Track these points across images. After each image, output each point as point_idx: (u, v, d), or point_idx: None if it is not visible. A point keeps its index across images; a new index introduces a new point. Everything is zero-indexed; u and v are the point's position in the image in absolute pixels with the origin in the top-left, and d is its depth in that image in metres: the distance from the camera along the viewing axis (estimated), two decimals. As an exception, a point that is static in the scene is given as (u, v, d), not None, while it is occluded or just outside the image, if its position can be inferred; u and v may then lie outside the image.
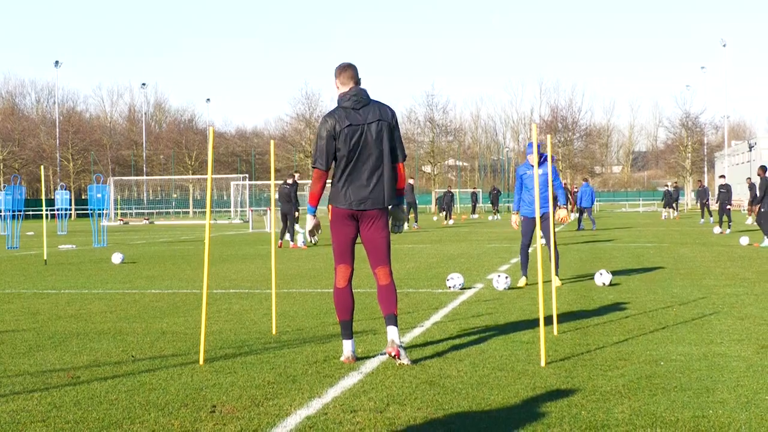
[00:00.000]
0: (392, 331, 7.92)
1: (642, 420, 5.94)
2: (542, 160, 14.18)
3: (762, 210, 26.14)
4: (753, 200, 29.97)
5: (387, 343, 8.00)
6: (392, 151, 8.11)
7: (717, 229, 34.38)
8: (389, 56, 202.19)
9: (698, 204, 51.92)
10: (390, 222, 8.41)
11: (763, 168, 26.65)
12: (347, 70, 8.17)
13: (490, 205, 67.03)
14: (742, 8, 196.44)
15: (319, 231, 8.56)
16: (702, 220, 46.52)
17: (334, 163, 8.10)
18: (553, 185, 14.32)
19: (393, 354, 7.78)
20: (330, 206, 8.15)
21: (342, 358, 8.09)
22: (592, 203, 40.14)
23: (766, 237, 25.42)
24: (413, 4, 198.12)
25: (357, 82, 8.19)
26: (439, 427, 5.90)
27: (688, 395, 6.61)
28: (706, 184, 50.99)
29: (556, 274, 14.79)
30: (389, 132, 8.07)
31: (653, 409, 6.20)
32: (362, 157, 7.98)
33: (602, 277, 14.33)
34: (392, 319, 7.98)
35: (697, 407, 6.25)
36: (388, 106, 8.19)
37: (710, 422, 5.87)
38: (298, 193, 28.87)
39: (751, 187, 30.99)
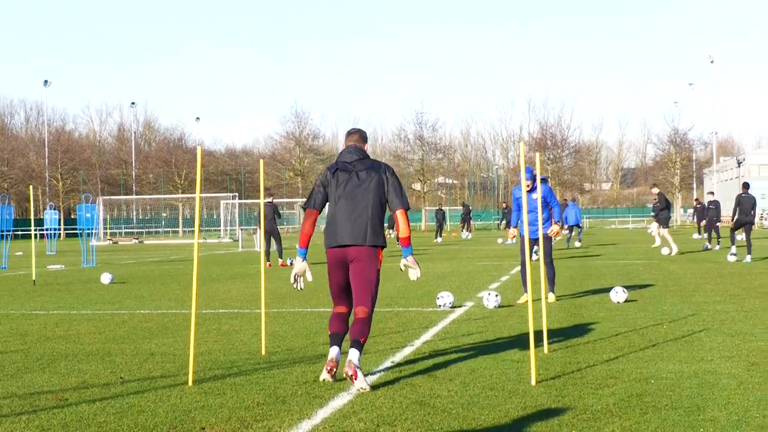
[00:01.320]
0: (352, 353, 7.83)
1: (633, 439, 5.93)
2: (535, 185, 14.46)
3: (734, 225, 26.56)
4: (660, 212, 31.30)
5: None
6: (388, 199, 8.46)
7: (706, 246, 34.44)
8: (379, 74, 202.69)
9: (695, 220, 51.54)
10: (403, 269, 8.59)
11: (745, 185, 26.81)
12: (353, 135, 8.77)
13: (460, 222, 66.16)
14: (730, 25, 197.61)
15: (304, 278, 8.58)
16: (695, 235, 46.63)
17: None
18: (550, 205, 14.71)
19: (350, 374, 7.64)
20: (326, 249, 8.44)
21: (327, 363, 8.05)
22: (577, 222, 40.54)
23: (749, 254, 25.60)
24: (402, 21, 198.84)
25: (359, 144, 8.71)
26: (429, 447, 5.88)
27: (678, 413, 6.60)
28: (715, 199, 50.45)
29: (552, 291, 14.91)
30: (379, 181, 8.44)
31: (644, 428, 6.19)
32: (349, 200, 8.36)
33: (617, 296, 14.33)
34: (356, 344, 7.93)
35: (688, 425, 6.24)
36: (384, 163, 8.66)
37: (701, 441, 5.86)
38: (281, 213, 28.92)
39: (659, 198, 32.10)
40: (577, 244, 40.32)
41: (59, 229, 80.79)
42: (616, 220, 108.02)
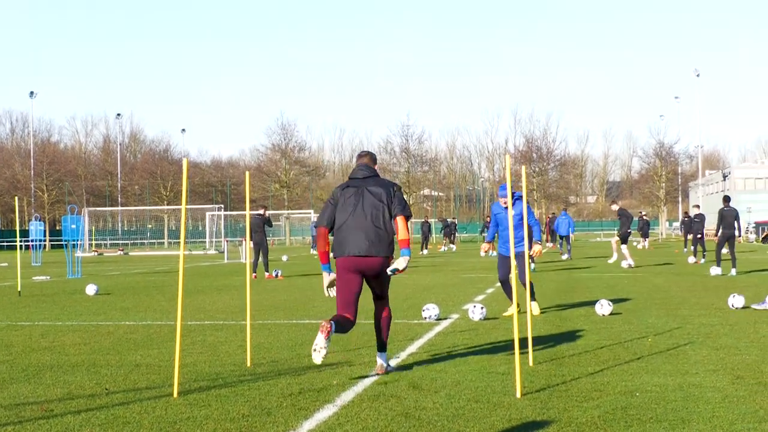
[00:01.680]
0: (380, 356, 9.19)
1: (618, 451, 5.94)
2: (516, 198, 14.49)
3: (719, 239, 26.66)
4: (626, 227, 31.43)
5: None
6: (391, 209, 8.92)
7: (691, 259, 34.55)
8: (365, 86, 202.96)
9: (683, 234, 51.29)
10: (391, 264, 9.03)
11: (726, 199, 26.95)
12: (364, 157, 9.38)
13: (443, 236, 66.16)
14: (716, 38, 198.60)
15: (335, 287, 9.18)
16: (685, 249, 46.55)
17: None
18: (528, 223, 14.65)
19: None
20: (335, 259, 8.95)
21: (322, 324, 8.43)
22: (569, 232, 40.57)
23: (733, 267, 25.73)
24: (388, 34, 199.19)
25: (370, 164, 9.25)
26: (414, 459, 5.88)
27: (663, 426, 6.61)
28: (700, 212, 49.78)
29: (534, 300, 14.96)
30: (387, 194, 8.98)
31: (629, 441, 6.20)
32: (359, 213, 8.87)
33: (603, 308, 14.37)
34: (382, 346, 9.25)
35: (673, 438, 6.26)
36: (391, 181, 9.20)
37: (685, 453, 5.87)
38: (273, 223, 28.81)
39: (621, 214, 31.90)
40: (564, 257, 40.03)
41: (44, 241, 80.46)
42: (602, 233, 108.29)
